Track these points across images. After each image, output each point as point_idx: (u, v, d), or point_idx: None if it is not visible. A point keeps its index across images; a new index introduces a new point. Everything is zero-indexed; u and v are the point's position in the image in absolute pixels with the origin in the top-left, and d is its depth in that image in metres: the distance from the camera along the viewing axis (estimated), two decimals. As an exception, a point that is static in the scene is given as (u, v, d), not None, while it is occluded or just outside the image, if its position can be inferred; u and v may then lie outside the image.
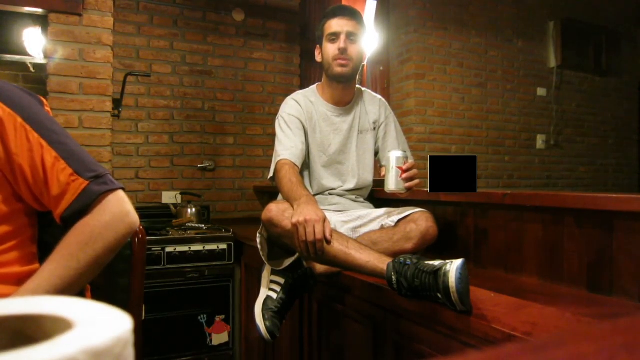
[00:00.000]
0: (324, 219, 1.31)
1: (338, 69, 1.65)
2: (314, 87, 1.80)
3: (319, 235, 1.27)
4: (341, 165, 1.73)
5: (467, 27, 3.63)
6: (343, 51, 1.63)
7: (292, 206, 1.39)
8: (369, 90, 1.87)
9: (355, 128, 1.75)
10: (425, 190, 1.58)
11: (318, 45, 1.72)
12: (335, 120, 1.73)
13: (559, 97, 4.04)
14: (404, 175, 1.44)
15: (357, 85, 1.82)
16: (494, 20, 3.75)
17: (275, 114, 1.77)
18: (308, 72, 3.25)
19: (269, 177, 1.67)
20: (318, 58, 1.74)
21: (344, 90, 1.73)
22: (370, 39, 2.46)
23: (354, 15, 1.67)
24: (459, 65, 3.60)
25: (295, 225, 1.29)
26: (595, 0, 4.18)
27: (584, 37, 4.05)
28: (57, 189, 0.83)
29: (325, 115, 1.73)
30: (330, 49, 1.66)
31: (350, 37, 1.64)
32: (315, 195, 1.69)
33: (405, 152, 1.51)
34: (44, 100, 0.93)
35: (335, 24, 1.64)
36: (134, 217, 0.89)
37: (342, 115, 1.74)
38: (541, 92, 3.96)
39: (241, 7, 3.11)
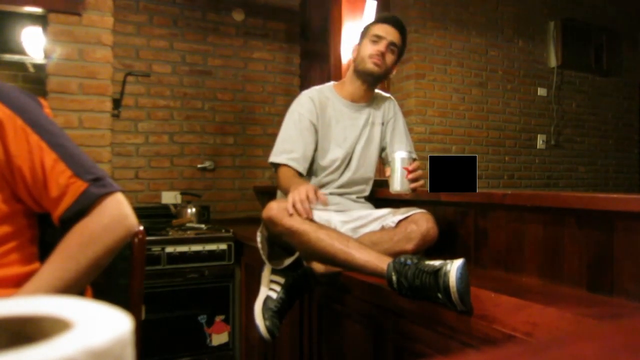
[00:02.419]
0: (315, 189, 1.38)
1: (371, 65, 1.69)
2: (330, 84, 1.83)
3: (309, 194, 1.34)
4: (348, 155, 1.75)
5: (467, 27, 3.63)
6: (381, 54, 1.68)
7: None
8: (379, 90, 1.90)
9: (369, 122, 1.79)
10: (426, 190, 1.58)
11: (357, 44, 1.77)
12: (351, 116, 1.76)
13: (559, 97, 4.04)
14: (410, 176, 1.45)
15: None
16: (494, 20, 3.75)
17: (276, 114, 1.79)
18: (308, 72, 3.25)
19: (269, 160, 1.71)
20: (353, 54, 1.78)
21: (366, 91, 1.77)
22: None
23: (401, 29, 1.73)
24: (459, 65, 3.60)
25: (290, 196, 1.36)
26: (595, 0, 4.18)
27: (584, 37, 4.05)
28: (57, 190, 0.83)
29: (341, 111, 1.75)
30: (369, 48, 1.70)
31: (391, 46, 1.70)
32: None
33: (410, 152, 1.52)
34: (44, 102, 0.93)
35: (382, 29, 1.70)
36: (133, 220, 0.89)
37: (358, 111, 1.78)
38: (541, 92, 3.96)
39: (241, 7, 3.11)
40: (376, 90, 1.87)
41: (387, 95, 1.89)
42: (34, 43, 2.43)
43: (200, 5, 3.02)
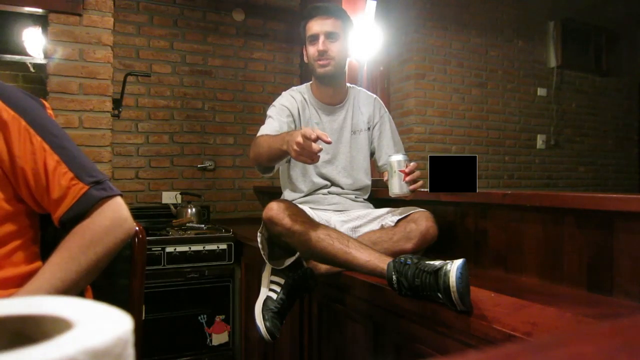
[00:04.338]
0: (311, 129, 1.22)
1: (320, 70, 1.66)
2: (307, 85, 1.81)
3: (314, 136, 1.19)
4: (331, 165, 1.73)
5: (467, 27, 3.63)
6: (322, 53, 1.64)
7: (282, 148, 1.31)
8: (365, 90, 1.87)
9: (347, 128, 1.75)
10: (426, 190, 1.58)
11: (304, 47, 1.74)
12: (326, 119, 1.74)
13: (559, 97, 4.04)
14: (408, 178, 1.45)
15: (352, 85, 1.83)
16: (494, 20, 3.75)
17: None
18: (308, 72, 3.25)
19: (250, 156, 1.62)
20: (305, 59, 1.76)
21: (333, 90, 1.74)
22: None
23: (331, 13, 1.66)
24: (459, 65, 3.60)
25: (293, 149, 1.21)
26: (595, 0, 4.18)
27: (584, 37, 4.05)
28: (58, 192, 0.84)
29: (316, 113, 1.74)
30: (311, 51, 1.67)
31: (330, 37, 1.64)
32: (308, 194, 1.69)
33: (406, 154, 1.52)
34: (46, 103, 0.93)
35: (314, 26, 1.65)
36: (132, 223, 0.91)
37: (332, 114, 1.75)
38: (541, 92, 3.96)
39: (241, 7, 3.11)
40: (361, 90, 1.84)
41: (372, 95, 1.84)
42: (34, 43, 2.42)
43: (200, 5, 3.02)
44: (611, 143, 4.36)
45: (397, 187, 1.47)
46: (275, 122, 1.63)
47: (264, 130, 1.60)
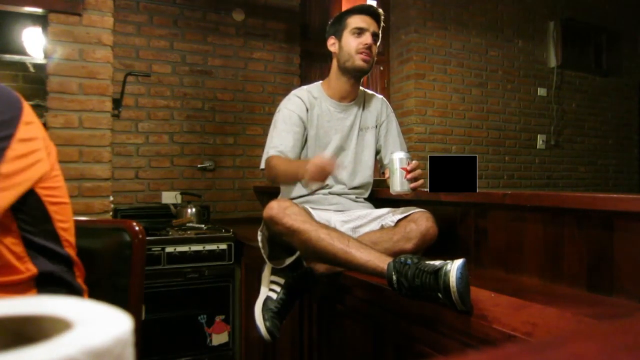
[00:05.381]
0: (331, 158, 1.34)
1: (360, 62, 1.67)
2: (318, 83, 1.81)
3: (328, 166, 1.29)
4: (338, 155, 1.73)
5: (467, 27, 3.63)
6: (369, 47, 1.66)
7: (297, 177, 1.40)
8: (370, 90, 1.89)
9: (357, 125, 1.76)
10: (426, 190, 1.58)
11: (334, 37, 1.73)
12: (338, 116, 1.74)
13: (559, 97, 4.04)
14: (409, 176, 1.45)
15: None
16: (494, 20, 3.75)
17: (276, 113, 1.78)
18: (308, 72, 3.25)
19: (260, 167, 1.71)
20: (332, 48, 1.74)
21: (353, 86, 1.75)
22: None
23: (380, 18, 1.72)
24: (459, 65, 3.61)
25: (310, 172, 1.29)
26: (595, 0, 4.18)
27: (584, 37, 4.05)
28: None
29: (328, 111, 1.73)
30: (353, 42, 1.67)
31: (374, 37, 1.68)
32: (308, 194, 1.70)
33: (408, 152, 1.52)
34: (28, 116, 0.85)
35: (362, 20, 1.68)
36: None
37: (344, 111, 1.75)
38: (541, 92, 3.96)
39: (241, 7, 3.11)
40: (367, 91, 1.85)
41: (379, 96, 1.87)
42: (34, 43, 2.42)
43: (200, 5, 3.02)
44: (611, 143, 4.36)
45: (398, 184, 1.47)
46: (289, 136, 1.65)
47: (276, 144, 1.63)
